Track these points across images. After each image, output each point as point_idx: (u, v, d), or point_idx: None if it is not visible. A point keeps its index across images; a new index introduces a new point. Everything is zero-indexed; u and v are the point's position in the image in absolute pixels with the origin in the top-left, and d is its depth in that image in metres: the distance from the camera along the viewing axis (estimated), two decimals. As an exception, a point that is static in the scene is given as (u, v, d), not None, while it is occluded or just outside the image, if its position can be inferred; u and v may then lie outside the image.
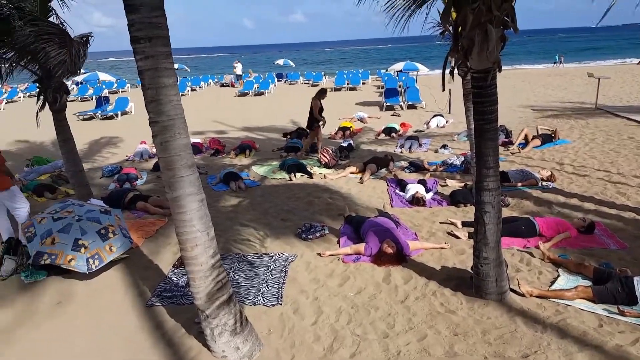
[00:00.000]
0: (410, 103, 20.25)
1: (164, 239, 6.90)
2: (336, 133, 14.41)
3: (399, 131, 14.24)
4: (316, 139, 11.92)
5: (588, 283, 5.09)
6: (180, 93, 4.46)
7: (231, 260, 6.03)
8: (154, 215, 7.92)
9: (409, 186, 8.42)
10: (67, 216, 6.03)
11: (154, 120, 3.85)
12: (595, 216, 6.95)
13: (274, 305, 4.98)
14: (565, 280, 5.24)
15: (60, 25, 7.44)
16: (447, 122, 15.33)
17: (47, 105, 7.59)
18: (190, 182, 3.97)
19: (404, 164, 10.43)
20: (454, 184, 8.75)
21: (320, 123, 11.67)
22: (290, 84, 35.95)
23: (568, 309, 4.70)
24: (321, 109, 11.64)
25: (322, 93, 11.65)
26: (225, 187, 9.22)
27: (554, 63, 43.65)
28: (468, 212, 7.40)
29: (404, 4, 5.74)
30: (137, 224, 7.43)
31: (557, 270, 5.47)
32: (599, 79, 17.49)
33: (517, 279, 5.12)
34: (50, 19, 7.46)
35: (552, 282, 5.22)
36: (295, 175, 9.80)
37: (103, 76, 28.57)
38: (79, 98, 28.83)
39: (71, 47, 7.14)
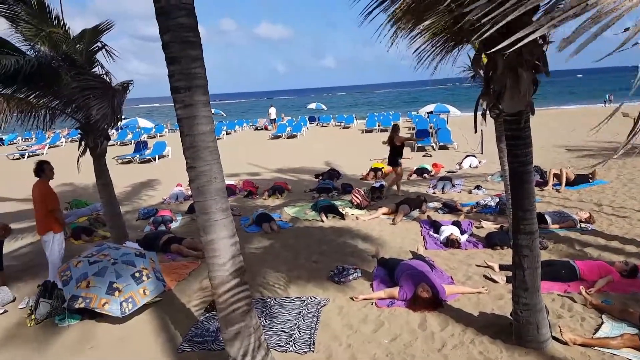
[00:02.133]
0: (441, 144, 20.17)
1: (196, 282, 6.89)
2: (368, 174, 14.40)
3: (431, 172, 14.13)
4: (395, 175, 11.97)
5: (635, 331, 4.80)
6: (216, 137, 4.56)
7: (262, 304, 5.96)
8: (187, 258, 7.96)
9: (443, 228, 8.27)
10: (102, 259, 6.11)
11: (191, 165, 3.93)
12: (637, 259, 6.63)
13: (306, 352, 4.85)
14: (610, 328, 4.96)
15: (105, 75, 7.79)
16: (479, 162, 15.16)
17: (88, 151, 7.86)
18: (225, 226, 4.00)
19: (437, 205, 10.29)
20: (489, 226, 8.55)
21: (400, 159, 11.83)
22: (322, 126, 36.50)
23: (614, 359, 4.43)
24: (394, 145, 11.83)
25: (397, 129, 11.93)
26: (257, 229, 9.24)
27: (604, 102, 42.92)
28: (505, 255, 7.17)
29: (433, 50, 5.80)
30: (170, 267, 7.47)
31: (600, 317, 5.18)
32: (635, 119, 17.06)
33: (559, 326, 4.87)
34: (95, 69, 7.83)
35: (596, 330, 4.94)
36: (327, 217, 9.77)
37: (142, 122, 29.76)
38: (119, 142, 29.91)
39: (113, 99, 7.44)
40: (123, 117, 10.57)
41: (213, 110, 41.08)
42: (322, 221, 9.59)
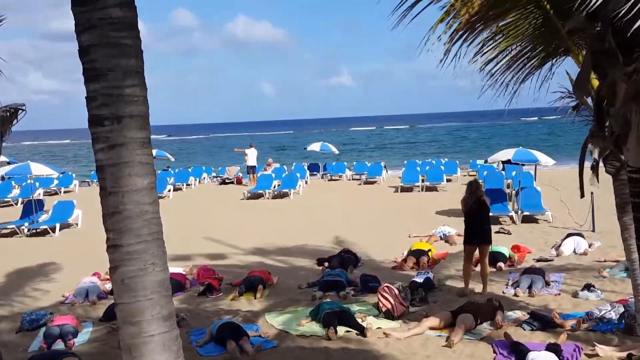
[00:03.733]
0: (526, 213, 20.22)
1: None
2: (405, 260, 14.40)
3: (509, 259, 14.10)
4: (470, 263, 12.03)
5: None
6: (159, 195, 4.64)
7: None
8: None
9: (531, 355, 8.17)
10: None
11: (115, 243, 3.95)
12: None
13: None
14: None
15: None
16: (590, 246, 15.13)
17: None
18: (165, 345, 3.96)
19: (520, 315, 10.21)
20: (609, 354, 8.46)
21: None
22: (331, 179, 36.80)
23: None
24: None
25: (479, 188, 12.18)
26: (220, 350, 9.16)
27: None
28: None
29: (515, 64, 5.97)
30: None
31: None
32: None
33: None
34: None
35: None
36: (336, 331, 9.70)
37: (38, 169, 28.55)
38: (-2, 201, 30.07)
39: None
40: (6, 159, 10.72)
41: (155, 153, 40.23)
42: (329, 338, 9.51)
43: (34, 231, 21.59)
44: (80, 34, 4.06)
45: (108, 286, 12.49)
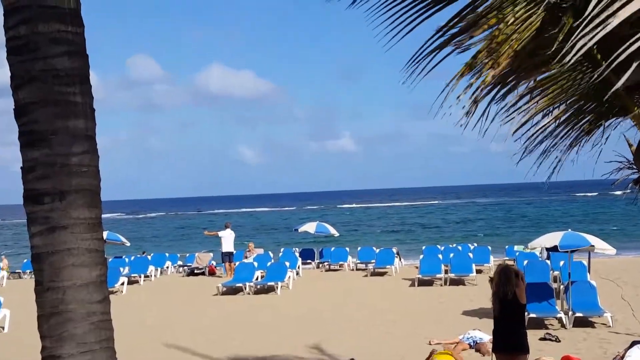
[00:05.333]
0: (579, 315, 20.05)
1: None
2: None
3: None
4: None
5: None
6: (109, 289, 4.62)
7: None
8: None
9: None
10: None
11: (52, 353, 3.91)
12: None
13: None
14: None
15: None
16: (661, 357, 14.98)
17: None
18: None
19: None
20: None
21: None
22: (330, 269, 36.68)
23: None
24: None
25: (512, 277, 11.95)
26: None
27: None
28: None
29: (559, 127, 6.06)
30: None
31: None
32: None
33: None
34: None
35: None
36: None
37: None
38: None
39: None
40: None
41: (106, 236, 40.31)
42: None
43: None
44: (17, 89, 4.06)
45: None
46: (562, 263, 26.36)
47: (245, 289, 29.06)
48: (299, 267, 34.67)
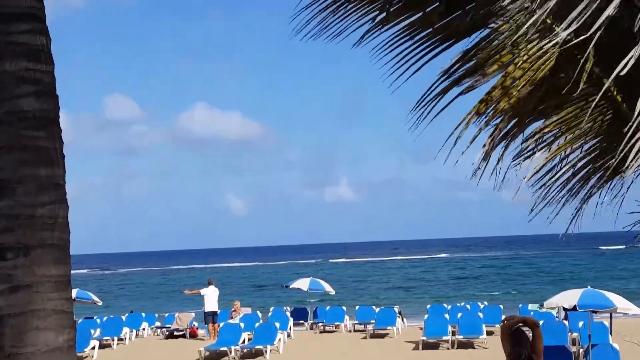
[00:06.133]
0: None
1: None
2: None
3: None
4: None
5: None
6: (78, 354, 4.61)
7: None
8: None
9: None
10: None
11: None
12: None
13: None
14: None
15: None
16: None
17: None
18: None
19: None
20: None
21: None
22: (325, 330, 36.63)
23: None
24: None
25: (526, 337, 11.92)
26: None
27: None
28: None
29: (577, 174, 6.11)
30: None
31: None
32: None
33: None
34: None
35: None
36: None
37: None
38: None
39: None
40: None
41: (75, 294, 39.95)
42: None
43: None
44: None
45: None
46: (581, 324, 26.33)
47: (231, 353, 28.85)
48: (290, 329, 34.42)
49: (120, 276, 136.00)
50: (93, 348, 30.44)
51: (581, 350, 22.60)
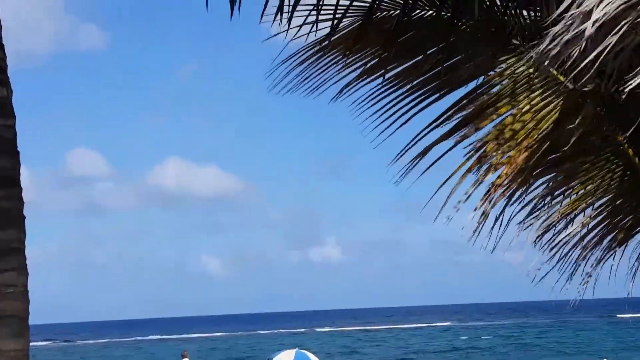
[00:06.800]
0: None
1: None
2: None
3: None
4: None
5: None
6: None
7: None
8: None
9: None
10: None
11: None
12: None
13: None
14: None
15: None
16: None
17: None
18: None
19: None
20: None
21: None
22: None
23: None
24: None
25: None
26: None
27: None
28: None
29: (586, 236, 6.12)
30: None
31: None
32: None
33: None
34: None
35: None
36: None
37: None
38: None
39: None
40: None
41: None
42: None
43: None
44: None
45: None
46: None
47: None
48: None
49: (84, 348, 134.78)
50: None
51: None
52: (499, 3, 5.75)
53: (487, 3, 5.73)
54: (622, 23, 3.36)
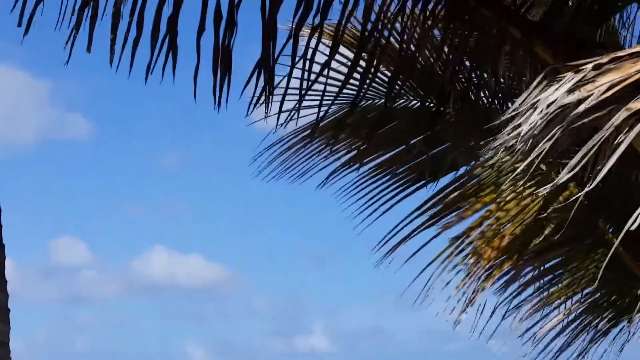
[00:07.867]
0: None
1: None
2: None
3: None
4: None
5: None
6: None
7: None
8: None
9: None
10: None
11: None
12: None
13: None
14: None
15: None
16: None
17: None
18: None
19: None
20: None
21: None
22: None
23: None
24: None
25: None
26: None
27: None
28: None
29: (571, 327, 6.15)
30: None
31: None
32: None
33: None
34: None
35: None
36: None
37: None
38: None
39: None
40: None
41: None
42: None
43: None
44: None
45: None
46: None
47: None
48: None
49: None
50: None
51: None
52: (483, 96, 5.81)
53: (472, 96, 5.79)
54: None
